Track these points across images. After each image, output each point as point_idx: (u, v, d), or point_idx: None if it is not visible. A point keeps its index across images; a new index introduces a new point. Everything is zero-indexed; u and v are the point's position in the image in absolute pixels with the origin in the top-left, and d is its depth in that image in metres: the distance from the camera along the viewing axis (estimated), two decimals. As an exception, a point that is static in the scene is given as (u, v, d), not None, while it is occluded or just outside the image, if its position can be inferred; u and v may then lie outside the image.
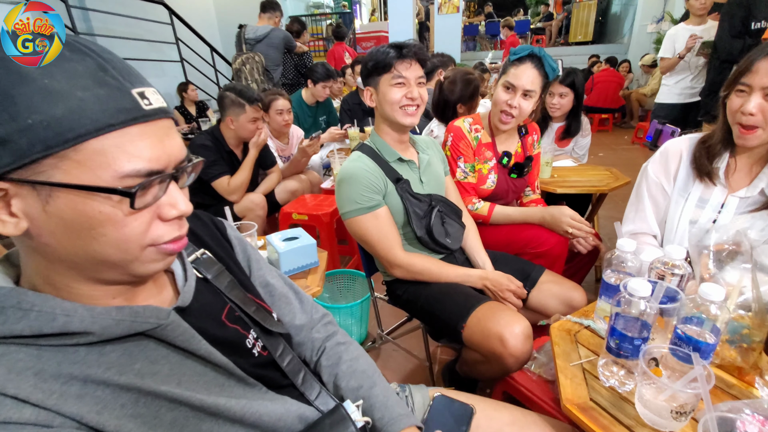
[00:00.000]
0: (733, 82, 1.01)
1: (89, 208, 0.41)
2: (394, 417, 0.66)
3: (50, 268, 0.44)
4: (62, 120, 0.38)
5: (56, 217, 0.40)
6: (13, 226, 0.40)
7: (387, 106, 1.18)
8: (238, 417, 0.53)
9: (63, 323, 0.42)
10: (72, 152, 0.39)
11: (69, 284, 0.45)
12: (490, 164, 1.56)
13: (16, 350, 0.41)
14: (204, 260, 0.62)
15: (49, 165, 0.38)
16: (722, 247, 0.87)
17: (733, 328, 0.77)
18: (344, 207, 1.19)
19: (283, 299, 0.74)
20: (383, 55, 1.15)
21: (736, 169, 1.08)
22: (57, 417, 0.40)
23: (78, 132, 0.38)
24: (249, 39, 3.91)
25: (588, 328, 0.90)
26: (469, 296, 1.17)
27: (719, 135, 1.08)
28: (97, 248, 0.43)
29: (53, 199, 0.40)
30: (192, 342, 0.51)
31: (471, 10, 11.90)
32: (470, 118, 1.57)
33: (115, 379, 0.44)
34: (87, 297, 0.46)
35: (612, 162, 4.37)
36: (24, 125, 0.37)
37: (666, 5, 7.20)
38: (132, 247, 0.44)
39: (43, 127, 0.37)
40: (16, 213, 0.40)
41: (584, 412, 0.69)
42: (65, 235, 0.41)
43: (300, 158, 2.48)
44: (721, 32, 2.52)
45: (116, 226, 0.42)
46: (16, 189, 0.39)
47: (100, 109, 0.39)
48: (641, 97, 6.51)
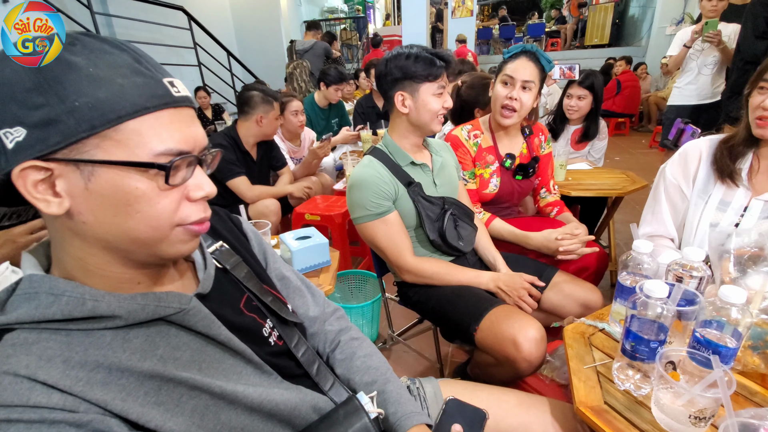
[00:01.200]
0: (756, 79, 1.00)
1: (127, 184, 0.44)
2: (407, 413, 0.67)
3: (86, 250, 0.47)
4: (105, 102, 0.41)
5: (97, 194, 0.43)
6: (57, 206, 0.43)
7: (426, 114, 1.18)
8: (256, 405, 0.54)
9: (92, 307, 0.45)
10: (113, 132, 0.42)
11: (102, 266, 0.48)
12: (492, 168, 1.54)
13: (47, 337, 0.43)
14: (222, 252, 0.64)
15: (92, 145, 0.42)
16: (744, 251, 0.84)
17: (756, 334, 0.75)
18: (355, 212, 1.20)
19: (297, 291, 0.77)
20: (428, 64, 1.13)
21: (759, 170, 1.05)
22: (83, 403, 0.41)
23: (119, 113, 0.42)
24: (298, 50, 5.25)
25: (603, 331, 0.88)
26: (482, 298, 1.15)
27: (743, 134, 1.05)
28: (131, 225, 0.45)
29: (95, 177, 0.42)
30: (212, 327, 0.53)
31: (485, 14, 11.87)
32: (469, 125, 1.56)
33: (139, 366, 0.45)
34: (116, 280, 0.49)
35: (629, 166, 4.29)
36: (72, 107, 0.40)
37: (686, 6, 7.06)
38: (163, 224, 0.47)
39: (89, 108, 0.41)
40: (60, 193, 0.43)
41: (598, 415, 0.67)
42: (104, 212, 0.44)
43: (311, 160, 2.50)
44: (745, 33, 2.46)
45: (150, 203, 0.45)
46: (61, 169, 0.42)
47: (137, 94, 0.43)
48: (659, 101, 6.37)
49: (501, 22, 10.75)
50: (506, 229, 1.48)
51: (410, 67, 1.13)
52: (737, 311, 0.65)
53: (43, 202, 0.42)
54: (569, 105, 2.19)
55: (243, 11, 7.92)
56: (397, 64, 1.15)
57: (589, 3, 9.88)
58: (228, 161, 2.08)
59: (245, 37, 8.03)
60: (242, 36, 8.05)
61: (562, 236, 1.34)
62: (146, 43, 5.07)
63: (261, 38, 7.96)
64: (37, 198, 0.42)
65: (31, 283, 0.45)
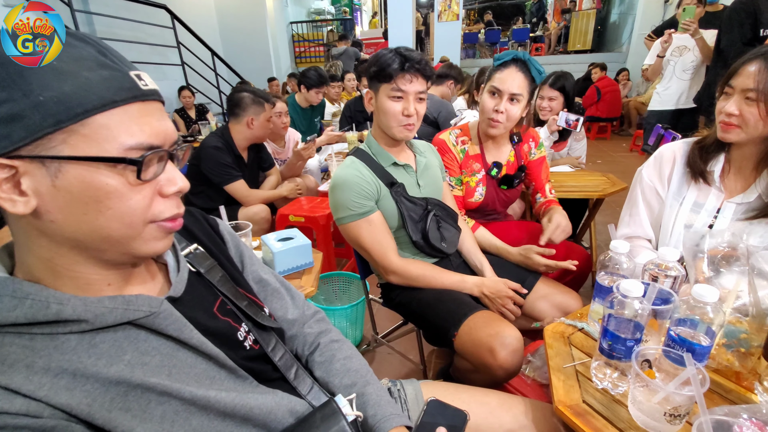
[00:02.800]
0: (722, 83, 1.03)
1: (97, 180, 0.42)
2: (386, 415, 0.66)
3: (54, 250, 0.45)
4: (71, 96, 0.40)
5: (65, 192, 0.42)
6: (23, 205, 0.41)
7: (383, 117, 1.17)
8: (228, 410, 0.52)
9: (56, 311, 0.43)
10: (80, 126, 0.41)
11: (70, 267, 0.46)
12: (479, 176, 1.51)
13: (9, 341, 0.42)
14: (197, 255, 0.62)
15: (58, 140, 0.40)
16: (717, 251, 0.86)
17: (730, 332, 0.76)
18: (337, 213, 1.19)
19: (275, 294, 0.75)
20: (386, 63, 1.10)
21: (730, 171, 1.08)
22: (47, 408, 0.40)
23: (86, 107, 0.41)
24: (333, 54, 7.11)
25: (582, 331, 0.89)
26: (463, 304, 1.15)
27: (713, 136, 1.08)
28: (103, 223, 0.44)
29: (62, 174, 0.41)
30: (184, 331, 0.51)
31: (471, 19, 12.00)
32: (458, 130, 1.53)
33: (104, 372, 0.44)
34: (84, 282, 0.47)
35: (610, 168, 4.37)
36: (36, 101, 0.39)
37: (665, 14, 7.26)
38: (135, 221, 0.46)
39: (54, 103, 0.39)
40: (25, 191, 0.41)
41: (577, 414, 0.67)
42: (73, 210, 0.43)
43: (296, 161, 2.48)
44: (731, 40, 2.50)
45: (122, 199, 0.44)
46: (26, 166, 0.40)
47: (104, 87, 0.42)
48: (639, 106, 6.54)
49: (486, 27, 10.88)
50: (487, 240, 1.45)
51: (374, 65, 1.13)
52: (710, 310, 0.66)
53: (8, 201, 0.41)
54: (541, 106, 2.25)
55: (228, 11, 7.83)
56: (370, 61, 1.15)
57: (572, 9, 10.07)
58: (225, 165, 2.06)
59: (230, 37, 7.94)
60: (227, 36, 7.95)
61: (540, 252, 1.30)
62: (128, 42, 4.97)
63: (247, 39, 7.88)
64: (1, 197, 0.41)
65: None
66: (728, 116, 0.99)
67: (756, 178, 1.05)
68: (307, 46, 9.75)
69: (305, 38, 9.76)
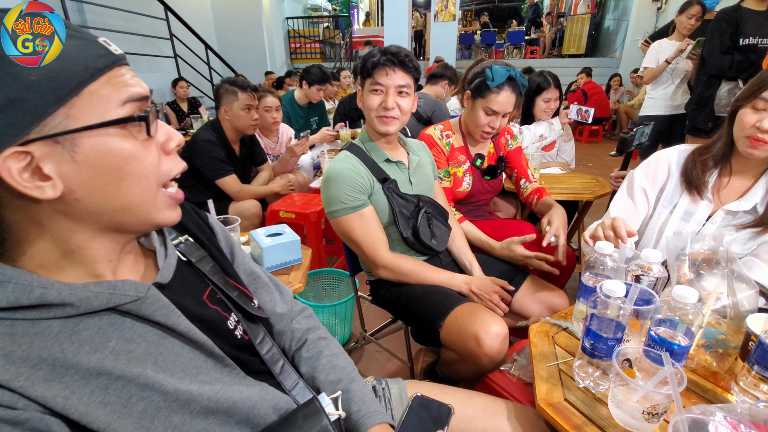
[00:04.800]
0: (750, 96, 0.98)
1: (112, 146, 0.44)
2: (370, 412, 0.66)
3: (74, 229, 0.46)
4: (60, 71, 0.40)
5: (86, 165, 0.43)
6: (51, 189, 0.42)
7: (365, 111, 1.20)
8: (212, 405, 0.52)
9: (40, 294, 0.42)
10: (76, 99, 0.41)
11: (85, 244, 0.47)
12: (465, 167, 1.59)
13: None
14: (188, 245, 0.62)
15: (62, 115, 0.41)
16: (698, 254, 0.88)
17: (709, 333, 0.78)
18: (330, 206, 1.19)
19: (264, 287, 0.76)
20: (368, 58, 1.15)
21: (728, 184, 1.07)
22: (21, 399, 0.39)
23: (78, 80, 0.41)
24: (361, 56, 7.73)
25: (566, 330, 0.90)
26: (450, 296, 1.16)
27: (720, 147, 1.05)
28: (124, 190, 0.45)
29: (79, 147, 0.42)
30: (171, 317, 0.51)
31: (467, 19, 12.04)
32: (441, 125, 1.61)
33: (86, 361, 0.43)
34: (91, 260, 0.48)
35: (600, 172, 4.43)
36: (28, 82, 0.39)
37: (658, 21, 7.36)
38: (151, 184, 0.48)
39: (47, 80, 0.39)
40: (48, 174, 0.41)
41: (558, 412, 0.68)
42: (96, 183, 0.44)
43: (288, 158, 2.47)
44: (711, 48, 2.57)
45: (138, 161, 0.45)
46: (41, 149, 0.40)
47: (84, 57, 0.42)
48: (629, 110, 6.64)
49: (483, 28, 10.93)
50: (473, 233, 1.49)
51: (360, 61, 1.18)
52: (690, 311, 0.68)
53: (35, 189, 0.41)
54: (548, 108, 2.27)
55: (223, 4, 7.76)
56: (361, 60, 1.20)
57: (567, 13, 10.16)
58: (217, 158, 2.03)
59: (225, 31, 7.87)
60: (222, 29, 7.88)
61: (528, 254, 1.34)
62: (120, 32, 4.90)
63: (242, 33, 7.82)
64: (27, 186, 0.40)
65: None
66: (764, 133, 0.94)
67: (753, 185, 1.04)
68: (302, 42, 9.71)
69: (301, 34, 9.72)
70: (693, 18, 2.87)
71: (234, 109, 2.04)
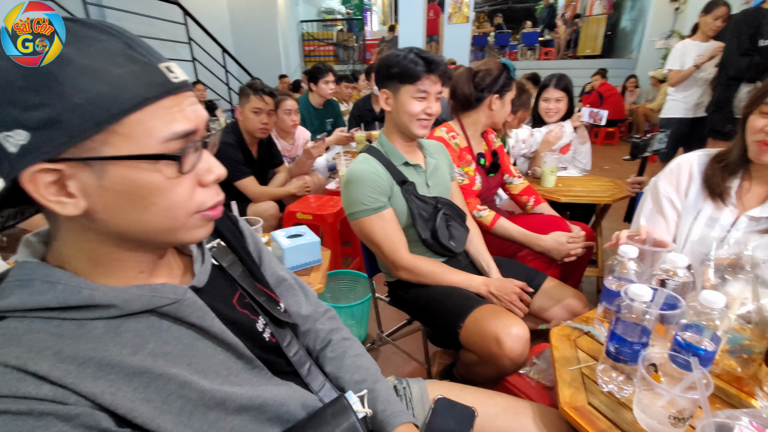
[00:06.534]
0: (756, 101, 0.98)
1: (140, 178, 0.43)
2: (395, 412, 0.67)
3: (100, 241, 0.46)
4: (106, 96, 0.40)
5: (111, 191, 0.43)
6: (73, 206, 0.42)
7: (404, 116, 1.20)
8: (245, 404, 0.53)
9: (87, 295, 0.44)
10: (117, 126, 0.41)
11: (111, 254, 0.47)
12: (473, 166, 1.63)
13: (38, 327, 0.42)
14: (219, 249, 0.64)
15: (99, 141, 0.41)
16: (723, 260, 0.87)
17: (733, 338, 0.77)
18: (350, 208, 1.20)
19: (290, 290, 0.77)
20: (411, 66, 1.14)
21: (750, 188, 1.05)
22: (73, 395, 0.41)
23: (122, 107, 0.41)
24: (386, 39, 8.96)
25: (588, 334, 0.90)
26: (469, 298, 1.17)
27: (736, 153, 1.05)
28: (148, 218, 0.45)
29: (107, 174, 0.42)
30: (206, 319, 0.53)
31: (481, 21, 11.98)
32: (444, 128, 1.62)
33: (129, 361, 0.45)
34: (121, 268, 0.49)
35: (617, 174, 4.36)
36: (72, 104, 0.39)
37: (675, 23, 7.23)
38: (180, 214, 0.47)
39: (91, 105, 0.39)
40: (73, 192, 0.42)
41: (583, 415, 0.69)
42: (120, 208, 0.44)
43: (305, 160, 2.50)
44: (729, 49, 2.53)
45: (165, 194, 0.45)
46: (71, 169, 0.41)
47: (136, 84, 0.42)
48: (648, 112, 6.52)
49: (496, 30, 10.86)
50: (515, 229, 1.52)
51: (395, 67, 1.16)
52: (717, 316, 0.68)
53: (57, 204, 0.41)
54: (548, 108, 2.26)
55: (240, 8, 7.87)
56: (386, 62, 1.18)
57: (582, 14, 10.04)
58: (236, 161, 2.08)
59: (241, 35, 7.98)
60: (238, 33, 8.00)
61: (571, 240, 1.43)
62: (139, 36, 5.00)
63: (257, 36, 7.92)
64: (50, 201, 0.41)
65: (24, 270, 0.44)
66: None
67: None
68: (316, 45, 9.79)
69: (315, 37, 9.80)
70: (719, 19, 2.82)
71: (245, 111, 2.09)
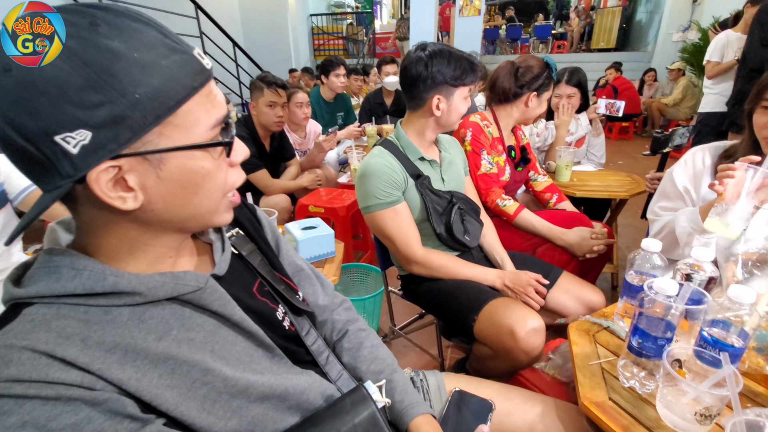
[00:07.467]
0: (756, 97, 0.97)
1: (195, 166, 0.45)
2: (413, 402, 0.68)
3: (142, 231, 0.48)
4: (161, 90, 0.41)
5: (169, 181, 0.44)
6: (133, 200, 0.43)
7: (455, 116, 1.22)
8: (267, 392, 0.54)
9: (113, 282, 0.44)
10: (172, 118, 0.42)
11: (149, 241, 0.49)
12: (503, 157, 1.62)
13: (65, 314, 0.43)
14: (239, 238, 0.64)
15: (156, 134, 0.42)
16: (751, 255, 0.85)
17: (761, 336, 0.75)
18: (364, 201, 1.20)
19: (308, 279, 0.77)
20: (468, 71, 1.16)
21: None
22: (100, 381, 0.41)
23: (176, 98, 0.42)
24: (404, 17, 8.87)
25: (607, 329, 0.89)
26: (483, 291, 1.16)
27: (745, 148, 1.04)
28: (195, 202, 0.47)
29: (165, 165, 0.43)
30: (228, 307, 0.53)
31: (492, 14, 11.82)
32: (478, 115, 1.61)
33: (154, 347, 0.45)
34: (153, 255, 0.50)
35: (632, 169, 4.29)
36: (134, 100, 0.39)
37: (693, 14, 7.05)
38: (218, 195, 0.49)
39: (149, 99, 0.40)
40: (132, 186, 0.42)
41: (604, 411, 0.67)
42: (173, 197, 0.45)
43: (317, 153, 2.50)
44: (752, 41, 2.45)
45: (213, 178, 0.47)
46: (131, 164, 0.42)
47: (183, 74, 0.42)
48: (662, 107, 6.39)
49: (508, 23, 10.71)
50: (539, 221, 1.51)
51: (451, 72, 1.15)
52: (746, 311, 0.66)
53: (118, 200, 0.42)
54: (560, 104, 2.21)
55: (251, 2, 7.88)
56: (439, 69, 1.14)
57: (596, 6, 9.85)
58: (250, 154, 2.08)
59: (252, 29, 8.00)
60: (249, 27, 8.02)
61: (595, 237, 1.43)
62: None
63: (267, 30, 7.93)
64: (112, 197, 0.42)
65: (51, 257, 0.45)
66: None
67: None
68: (326, 39, 9.77)
69: (325, 31, 9.78)
70: None
71: (259, 105, 2.09)
